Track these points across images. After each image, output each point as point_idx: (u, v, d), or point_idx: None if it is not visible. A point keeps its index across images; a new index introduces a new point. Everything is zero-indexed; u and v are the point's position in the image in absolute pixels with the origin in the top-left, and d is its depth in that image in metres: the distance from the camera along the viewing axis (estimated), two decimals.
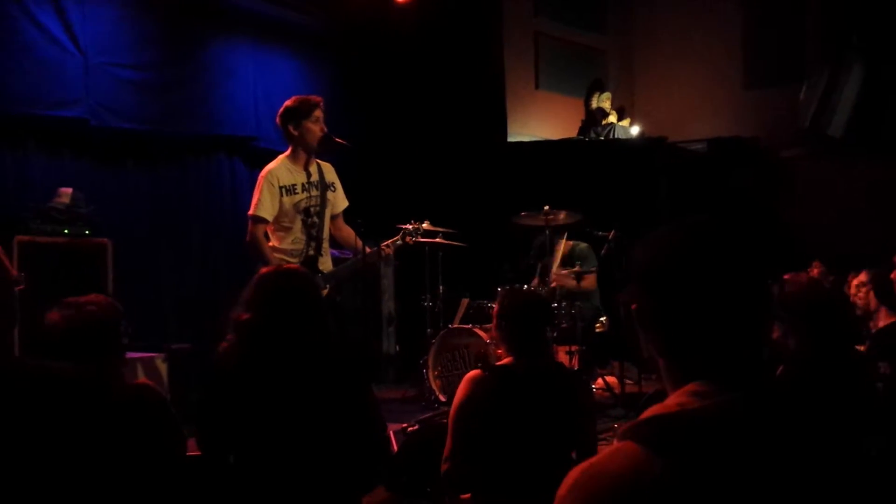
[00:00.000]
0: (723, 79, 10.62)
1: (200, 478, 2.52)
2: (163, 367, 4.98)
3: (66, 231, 5.13)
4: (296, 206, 4.54)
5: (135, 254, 5.97)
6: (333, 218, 4.76)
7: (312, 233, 4.59)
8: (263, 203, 4.47)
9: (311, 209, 4.59)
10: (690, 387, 1.11)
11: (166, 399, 2.42)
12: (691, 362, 1.14)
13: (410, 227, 4.83)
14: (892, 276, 4.46)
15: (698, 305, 1.13)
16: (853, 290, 4.50)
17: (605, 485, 1.05)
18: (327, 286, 4.53)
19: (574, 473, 1.09)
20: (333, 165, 4.83)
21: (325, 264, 4.66)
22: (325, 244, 4.68)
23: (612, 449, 1.09)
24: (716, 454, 1.03)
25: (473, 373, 2.96)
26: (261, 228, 4.50)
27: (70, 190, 5.27)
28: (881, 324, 4.21)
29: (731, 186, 9.36)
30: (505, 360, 3.01)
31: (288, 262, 4.32)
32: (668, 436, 1.05)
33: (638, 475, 1.03)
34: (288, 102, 4.61)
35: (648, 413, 1.10)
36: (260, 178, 4.55)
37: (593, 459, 1.10)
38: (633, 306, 1.20)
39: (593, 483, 1.06)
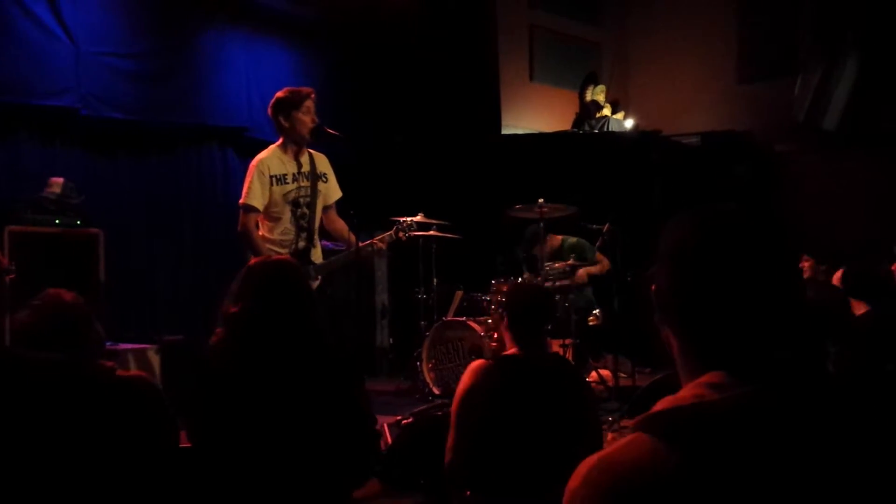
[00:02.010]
0: (717, 72, 10.62)
1: (192, 469, 2.50)
2: (155, 359, 4.96)
3: (57, 221, 5.10)
4: (285, 196, 4.50)
5: (126, 244, 5.95)
6: (326, 209, 4.71)
7: (302, 224, 4.55)
8: (254, 192, 4.44)
9: (301, 200, 4.56)
10: (707, 377, 1.08)
11: (161, 389, 2.40)
12: (710, 350, 1.11)
13: (404, 222, 4.80)
14: (893, 267, 4.46)
15: (723, 291, 1.10)
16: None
17: (619, 477, 1.03)
18: (319, 277, 4.51)
19: (586, 465, 1.07)
20: (327, 157, 4.80)
21: (317, 255, 4.64)
22: (316, 236, 4.65)
23: (625, 440, 1.07)
24: (733, 449, 1.01)
25: (478, 362, 2.93)
26: (252, 218, 4.47)
27: (61, 180, 5.24)
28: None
29: (725, 180, 9.35)
30: (509, 351, 2.99)
31: (278, 253, 4.29)
32: (684, 429, 1.03)
33: (653, 468, 1.01)
34: (279, 93, 4.58)
35: (663, 404, 1.08)
36: (251, 166, 4.53)
37: (606, 451, 1.07)
38: (653, 287, 1.18)
39: (607, 475, 1.04)
